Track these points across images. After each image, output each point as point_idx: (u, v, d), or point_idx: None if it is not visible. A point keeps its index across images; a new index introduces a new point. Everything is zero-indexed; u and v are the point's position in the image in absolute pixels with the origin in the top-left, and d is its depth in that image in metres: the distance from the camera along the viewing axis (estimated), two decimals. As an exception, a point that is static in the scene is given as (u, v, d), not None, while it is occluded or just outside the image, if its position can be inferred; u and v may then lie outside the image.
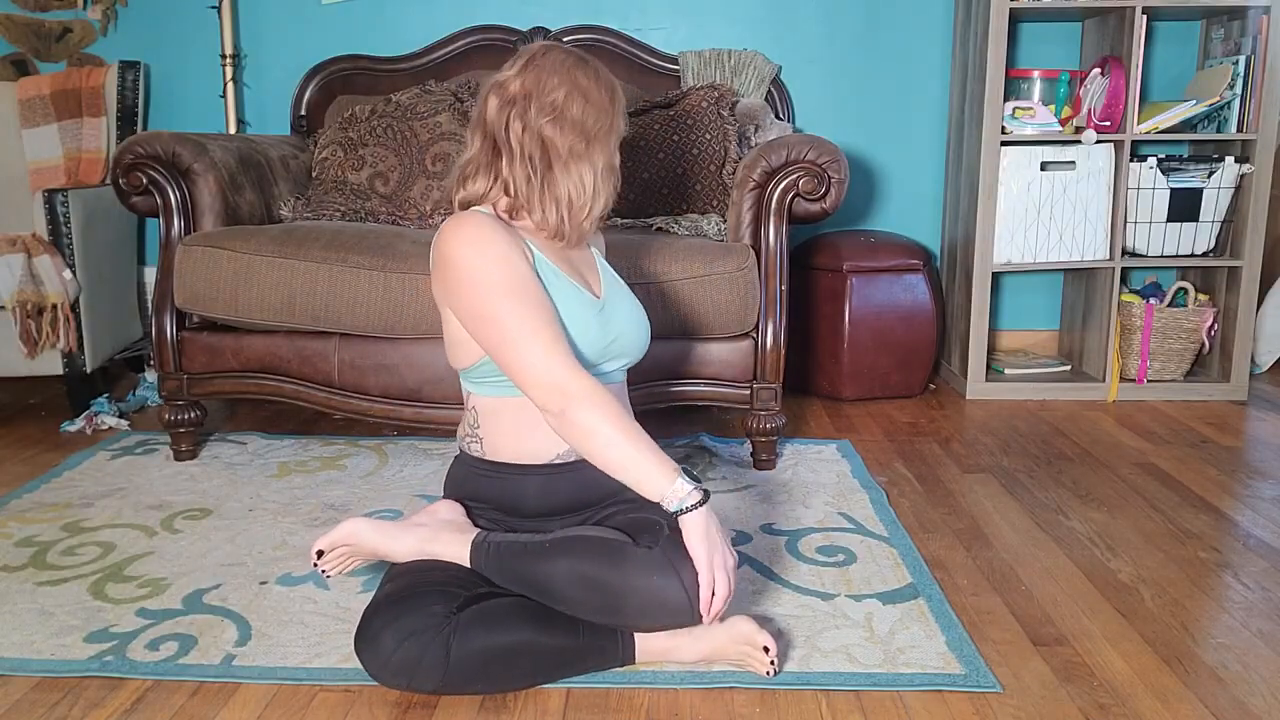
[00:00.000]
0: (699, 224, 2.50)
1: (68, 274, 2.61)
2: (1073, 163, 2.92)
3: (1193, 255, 3.01)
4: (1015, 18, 2.93)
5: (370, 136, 2.73)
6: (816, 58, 3.21)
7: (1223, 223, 2.99)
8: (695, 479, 1.29)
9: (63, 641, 1.55)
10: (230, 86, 3.14)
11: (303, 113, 3.07)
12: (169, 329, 2.29)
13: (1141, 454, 2.49)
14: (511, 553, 1.47)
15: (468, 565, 1.48)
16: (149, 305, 2.81)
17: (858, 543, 1.92)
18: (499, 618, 1.39)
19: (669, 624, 1.42)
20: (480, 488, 1.61)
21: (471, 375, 1.58)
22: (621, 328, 1.60)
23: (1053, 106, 2.98)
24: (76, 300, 2.65)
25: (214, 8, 3.10)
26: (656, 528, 1.45)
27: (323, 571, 1.54)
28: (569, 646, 1.42)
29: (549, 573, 1.41)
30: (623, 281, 1.70)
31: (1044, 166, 2.92)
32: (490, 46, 3.08)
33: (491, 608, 1.40)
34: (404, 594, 1.40)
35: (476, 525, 1.57)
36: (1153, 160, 2.93)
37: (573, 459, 1.57)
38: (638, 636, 1.45)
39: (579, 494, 1.59)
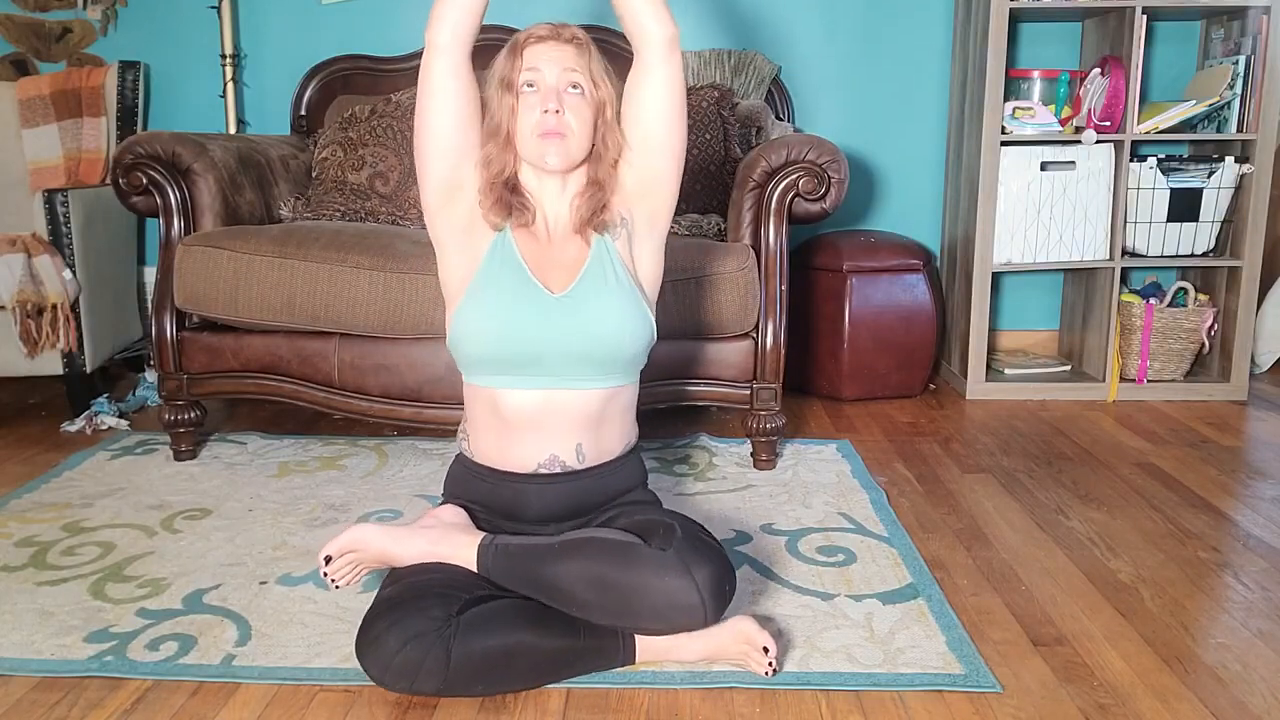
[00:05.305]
0: (699, 224, 2.50)
1: (68, 274, 2.61)
2: (1073, 163, 2.92)
3: (1193, 255, 3.00)
4: (1015, 18, 2.92)
5: (370, 136, 2.73)
6: (816, 58, 3.20)
7: (1223, 223, 2.99)
8: None
9: (63, 641, 1.55)
10: (230, 86, 3.14)
11: (303, 113, 3.07)
12: (169, 329, 2.29)
13: (1141, 454, 2.49)
14: (520, 554, 1.46)
15: (474, 568, 1.47)
16: (149, 305, 2.81)
17: (858, 543, 1.92)
18: (499, 620, 1.39)
19: (681, 625, 1.42)
20: (478, 492, 1.61)
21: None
22: (572, 326, 1.51)
23: (1053, 106, 2.98)
24: (76, 300, 2.64)
25: (214, 8, 3.10)
26: (667, 529, 1.45)
27: (331, 581, 1.53)
28: (569, 647, 1.42)
29: (559, 574, 1.41)
30: (626, 286, 1.58)
31: (1044, 166, 2.92)
32: (490, 46, 3.01)
33: (491, 610, 1.40)
34: (405, 597, 1.40)
35: (480, 529, 1.57)
36: (1153, 160, 2.93)
37: (558, 469, 1.57)
38: (638, 636, 1.45)
39: (577, 502, 1.59)
